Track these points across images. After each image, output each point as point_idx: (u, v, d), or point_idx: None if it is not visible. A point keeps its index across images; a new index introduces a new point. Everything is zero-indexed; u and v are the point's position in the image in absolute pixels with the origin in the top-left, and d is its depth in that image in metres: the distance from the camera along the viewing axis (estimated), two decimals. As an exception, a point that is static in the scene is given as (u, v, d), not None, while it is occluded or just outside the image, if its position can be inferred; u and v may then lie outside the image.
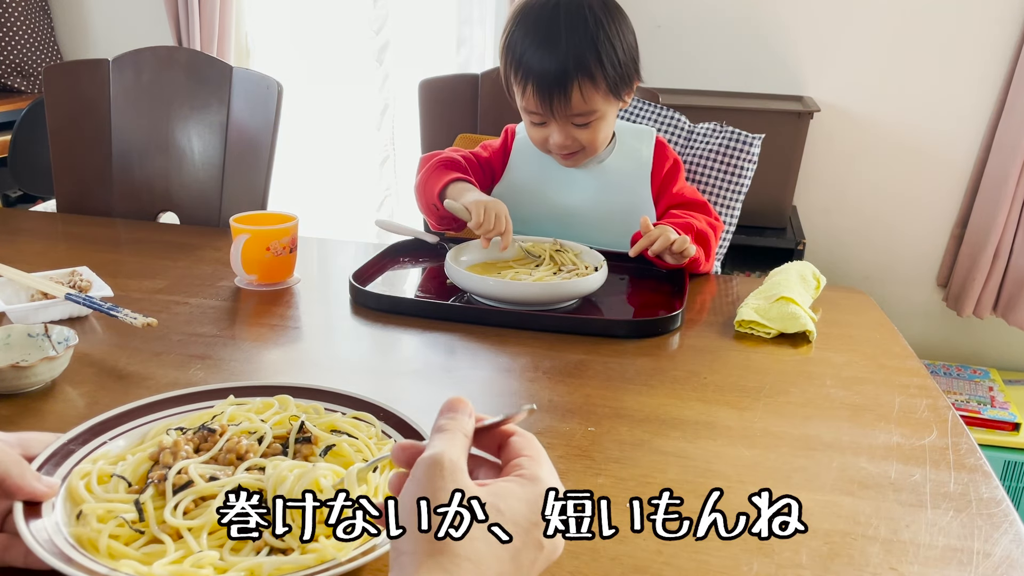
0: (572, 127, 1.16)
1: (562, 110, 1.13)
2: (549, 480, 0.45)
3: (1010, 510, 0.65)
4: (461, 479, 0.42)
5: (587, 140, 1.17)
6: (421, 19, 2.51)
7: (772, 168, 1.95)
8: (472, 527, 0.41)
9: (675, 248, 1.10)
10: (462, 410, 0.48)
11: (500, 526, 0.42)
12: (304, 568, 0.51)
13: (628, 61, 1.15)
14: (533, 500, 0.44)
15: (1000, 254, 2.17)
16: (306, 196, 2.70)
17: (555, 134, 1.17)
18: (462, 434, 0.46)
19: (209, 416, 0.66)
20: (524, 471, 0.45)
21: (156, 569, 0.50)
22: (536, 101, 1.13)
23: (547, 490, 0.44)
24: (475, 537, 0.41)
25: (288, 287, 1.10)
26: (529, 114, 1.18)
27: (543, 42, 1.11)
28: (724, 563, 0.57)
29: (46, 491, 0.55)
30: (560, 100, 1.12)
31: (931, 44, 2.15)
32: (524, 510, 0.43)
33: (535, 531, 0.43)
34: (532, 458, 0.46)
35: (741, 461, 0.71)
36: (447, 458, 0.43)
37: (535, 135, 1.20)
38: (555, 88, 1.11)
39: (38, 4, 2.60)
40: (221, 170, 1.51)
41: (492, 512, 0.42)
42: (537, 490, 0.44)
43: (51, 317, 0.95)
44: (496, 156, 1.31)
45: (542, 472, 0.45)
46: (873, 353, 0.95)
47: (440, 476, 0.42)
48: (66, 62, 1.59)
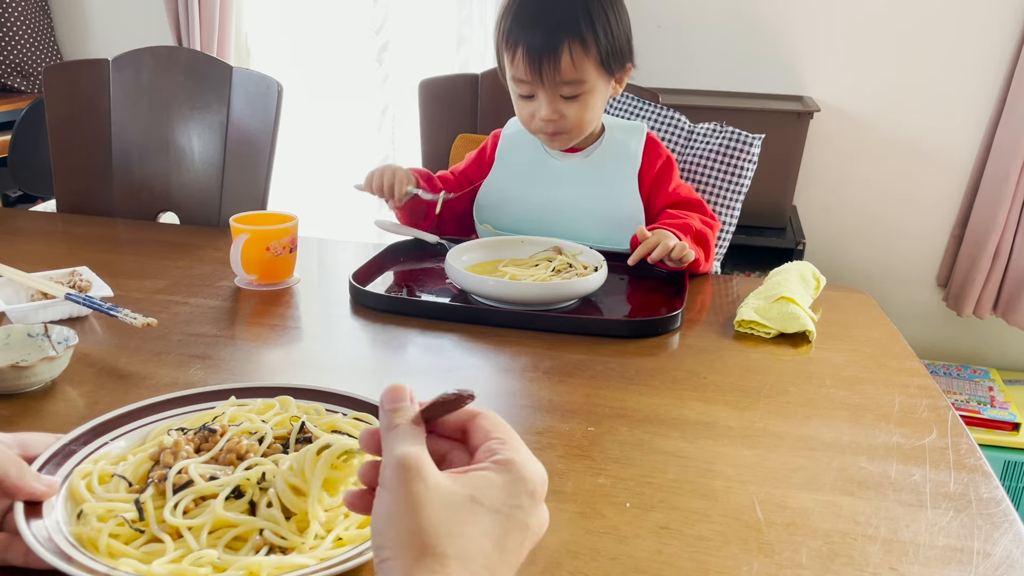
0: (560, 100, 1.15)
1: (551, 76, 1.11)
2: (523, 461, 0.44)
3: (1010, 510, 0.65)
4: (428, 477, 0.42)
5: (575, 116, 1.16)
6: (421, 19, 2.51)
7: (772, 168, 1.95)
8: (453, 524, 0.41)
9: (674, 255, 1.10)
10: (404, 398, 0.47)
11: (482, 518, 0.41)
12: (303, 567, 0.51)
13: (621, 36, 1.15)
14: (510, 484, 0.43)
15: (1000, 254, 2.17)
16: (306, 196, 2.70)
17: (543, 107, 1.15)
18: (414, 425, 0.46)
19: (210, 417, 0.66)
20: (497, 456, 0.44)
21: (155, 568, 0.50)
22: (525, 66, 1.12)
23: (526, 469, 0.44)
24: (457, 534, 0.40)
25: (288, 287, 1.10)
26: (518, 84, 1.16)
27: (536, 7, 1.11)
28: (724, 563, 0.57)
29: (45, 491, 0.55)
30: (550, 65, 1.10)
31: (931, 44, 2.15)
32: (503, 496, 0.43)
33: (517, 514, 0.43)
34: (502, 440, 0.46)
35: (741, 461, 0.71)
36: (412, 458, 0.43)
37: (523, 111, 1.19)
38: (545, 52, 1.10)
39: (38, 4, 2.60)
40: (221, 170, 1.51)
41: (471, 505, 0.41)
42: (513, 474, 0.43)
43: (51, 317, 0.95)
44: (473, 165, 1.32)
45: (516, 455, 0.44)
46: (873, 353, 0.95)
47: (410, 478, 0.42)
48: (66, 62, 1.59)
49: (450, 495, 0.42)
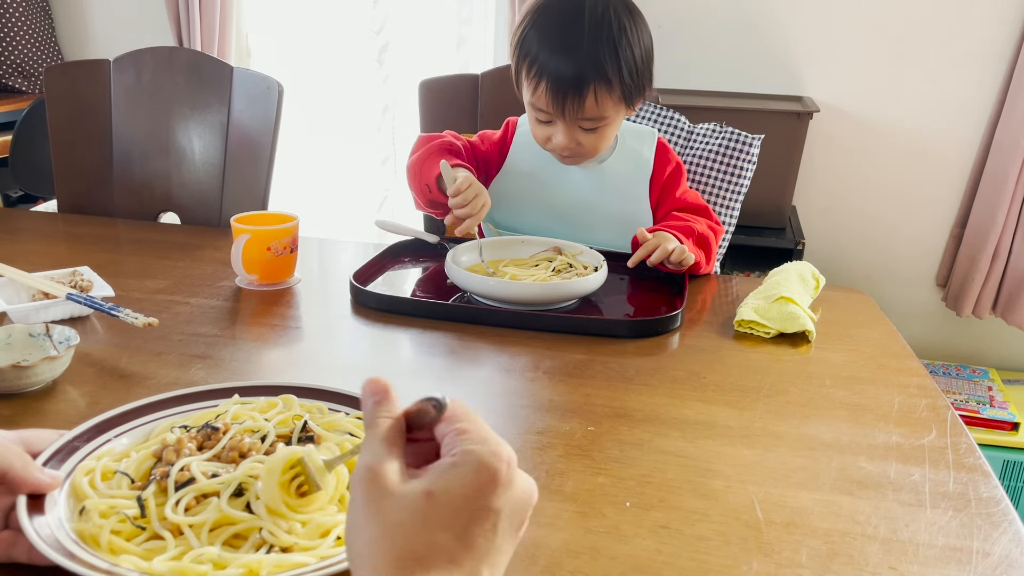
0: (579, 130, 1.14)
1: (573, 113, 1.11)
2: (478, 446, 0.44)
3: (1009, 509, 0.65)
4: (385, 482, 0.42)
5: (591, 145, 1.16)
6: (421, 19, 2.51)
7: (772, 168, 1.95)
8: (411, 527, 0.41)
9: (673, 258, 1.10)
10: (380, 394, 0.48)
11: (440, 513, 0.41)
12: (303, 566, 0.51)
13: (644, 70, 1.14)
14: (468, 473, 0.43)
15: (999, 254, 2.18)
16: (306, 196, 2.70)
17: (560, 135, 1.15)
18: (386, 419, 0.46)
19: (213, 415, 0.66)
20: (455, 447, 0.44)
21: (156, 565, 0.50)
22: (548, 101, 1.11)
23: (481, 454, 0.44)
24: (415, 536, 0.41)
25: (288, 287, 1.11)
26: (536, 111, 1.16)
27: (564, 41, 1.09)
28: (724, 563, 0.57)
29: (50, 483, 0.55)
30: (573, 103, 1.10)
31: (931, 44, 2.16)
32: (460, 486, 0.42)
33: (480, 501, 0.42)
34: (461, 430, 0.45)
35: (741, 461, 0.71)
36: (371, 467, 0.43)
37: (538, 132, 1.19)
38: (571, 91, 1.09)
39: (39, 4, 2.61)
40: (222, 170, 1.51)
41: (428, 502, 0.41)
42: (470, 462, 0.43)
43: (52, 317, 0.95)
44: (493, 149, 1.29)
45: (471, 443, 0.44)
46: (872, 353, 0.96)
47: (367, 487, 0.42)
48: (67, 62, 1.59)
49: (407, 499, 0.42)
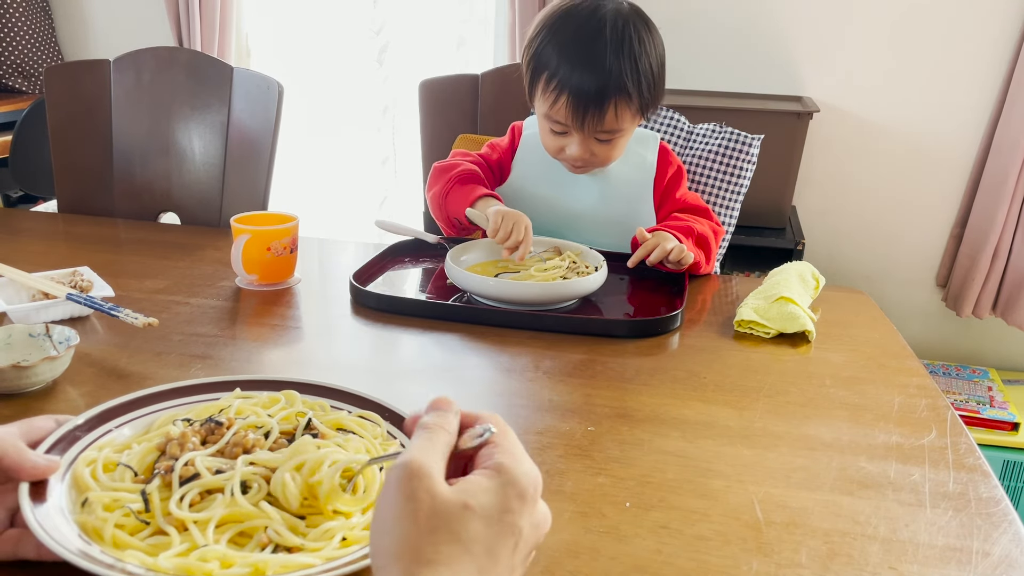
0: (594, 141, 1.14)
1: (592, 126, 1.11)
2: (513, 464, 0.45)
3: (1009, 510, 0.65)
4: (428, 484, 0.43)
5: (604, 155, 1.16)
6: (421, 19, 2.51)
7: (771, 168, 1.95)
8: (443, 532, 0.41)
9: (672, 258, 1.10)
10: (447, 408, 0.49)
11: (473, 524, 0.42)
12: (310, 567, 0.51)
13: (659, 81, 1.15)
14: (500, 488, 0.44)
15: (999, 254, 2.18)
16: (306, 196, 2.71)
17: (575, 146, 1.14)
18: (445, 432, 0.47)
19: (216, 409, 0.66)
20: (489, 462, 0.45)
21: (162, 561, 0.50)
22: (568, 114, 1.11)
23: (515, 472, 0.45)
24: (447, 541, 0.41)
25: (289, 287, 1.11)
26: (552, 123, 1.15)
27: (585, 57, 1.08)
28: (724, 563, 0.58)
29: (47, 467, 0.55)
30: (593, 117, 1.10)
31: (930, 44, 2.16)
32: (493, 501, 0.43)
33: (507, 518, 0.43)
34: (496, 444, 0.47)
35: (741, 461, 0.71)
36: (416, 463, 0.43)
37: (551, 143, 1.18)
38: (591, 105, 1.09)
39: (39, 4, 2.61)
40: (222, 170, 1.51)
41: (463, 511, 0.42)
42: (503, 478, 0.44)
43: (52, 317, 0.95)
44: (506, 156, 1.30)
45: (507, 459, 0.45)
46: (872, 353, 0.96)
47: (409, 483, 0.42)
48: (67, 62, 1.59)
49: (444, 503, 0.42)
